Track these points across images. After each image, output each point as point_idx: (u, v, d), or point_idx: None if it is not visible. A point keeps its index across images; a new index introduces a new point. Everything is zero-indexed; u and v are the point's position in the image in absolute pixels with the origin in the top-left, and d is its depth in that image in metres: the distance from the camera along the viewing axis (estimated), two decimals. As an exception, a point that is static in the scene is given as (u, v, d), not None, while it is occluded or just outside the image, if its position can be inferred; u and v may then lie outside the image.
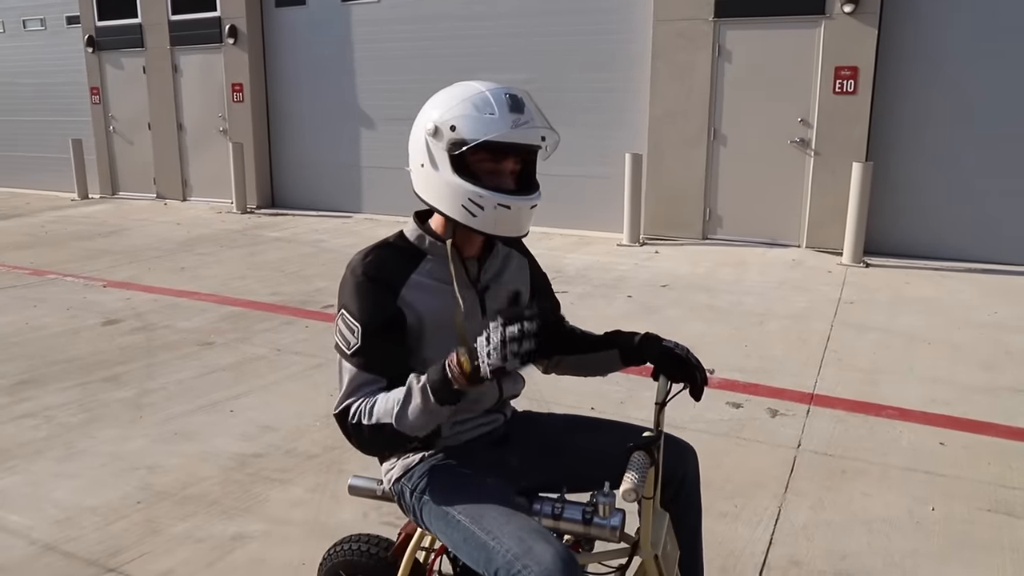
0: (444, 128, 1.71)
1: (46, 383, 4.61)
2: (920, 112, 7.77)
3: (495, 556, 1.61)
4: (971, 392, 4.37)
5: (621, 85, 9.12)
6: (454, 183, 1.72)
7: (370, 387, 1.73)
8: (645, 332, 2.01)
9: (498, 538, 1.62)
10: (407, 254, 1.83)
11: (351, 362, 1.74)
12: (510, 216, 1.72)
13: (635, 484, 1.50)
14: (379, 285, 1.76)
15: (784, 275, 7.18)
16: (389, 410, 1.67)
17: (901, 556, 2.84)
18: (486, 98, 1.70)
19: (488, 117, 1.68)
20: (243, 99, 11.64)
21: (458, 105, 1.71)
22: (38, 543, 2.94)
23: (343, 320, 1.77)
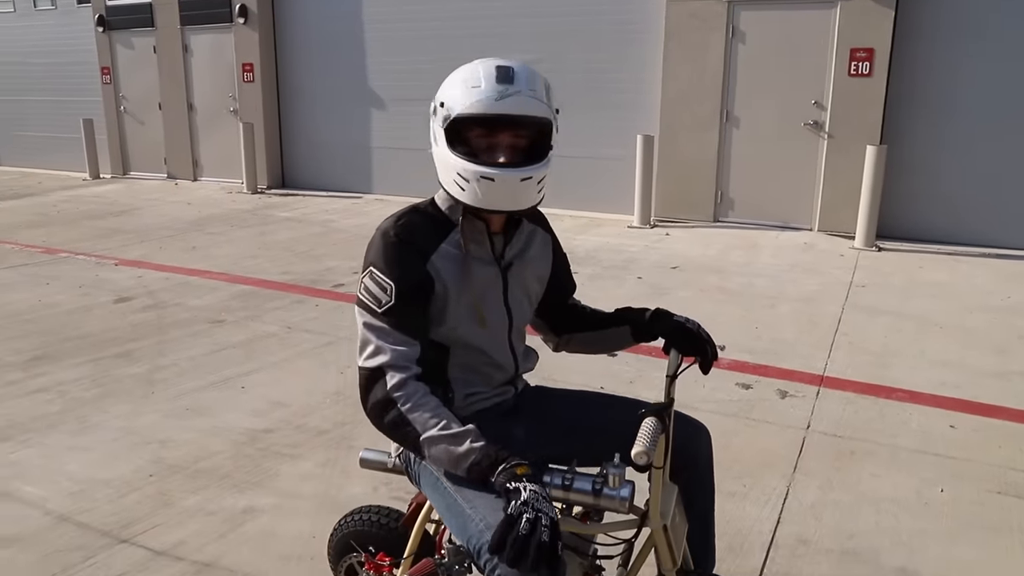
0: (437, 104, 1.73)
1: (59, 359, 4.64)
2: (936, 95, 7.69)
3: (469, 524, 1.63)
4: (982, 376, 4.36)
5: (633, 66, 9.06)
6: (446, 157, 1.72)
7: (406, 349, 1.71)
8: (656, 308, 2.01)
9: (475, 507, 1.64)
10: (437, 222, 1.82)
11: (382, 320, 1.71)
12: (496, 188, 1.69)
13: (646, 447, 1.50)
14: (411, 248, 1.75)
15: (796, 258, 7.15)
16: (427, 423, 1.65)
17: (909, 536, 2.84)
18: (475, 71, 1.69)
19: (472, 90, 1.67)
20: (253, 79, 11.62)
21: (452, 81, 1.72)
22: (53, 514, 2.97)
23: (373, 278, 1.73)
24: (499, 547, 1.44)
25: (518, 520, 1.44)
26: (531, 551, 1.42)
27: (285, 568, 2.64)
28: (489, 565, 1.54)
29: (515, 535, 1.43)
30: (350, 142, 11.26)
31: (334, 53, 11.12)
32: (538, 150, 1.75)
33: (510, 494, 1.50)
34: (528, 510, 1.45)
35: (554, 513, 1.48)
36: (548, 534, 1.43)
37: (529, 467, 1.55)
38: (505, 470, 1.55)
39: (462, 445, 1.62)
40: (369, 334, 1.73)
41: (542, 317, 2.12)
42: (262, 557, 2.70)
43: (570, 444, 1.89)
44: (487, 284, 1.84)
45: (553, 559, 1.43)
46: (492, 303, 1.86)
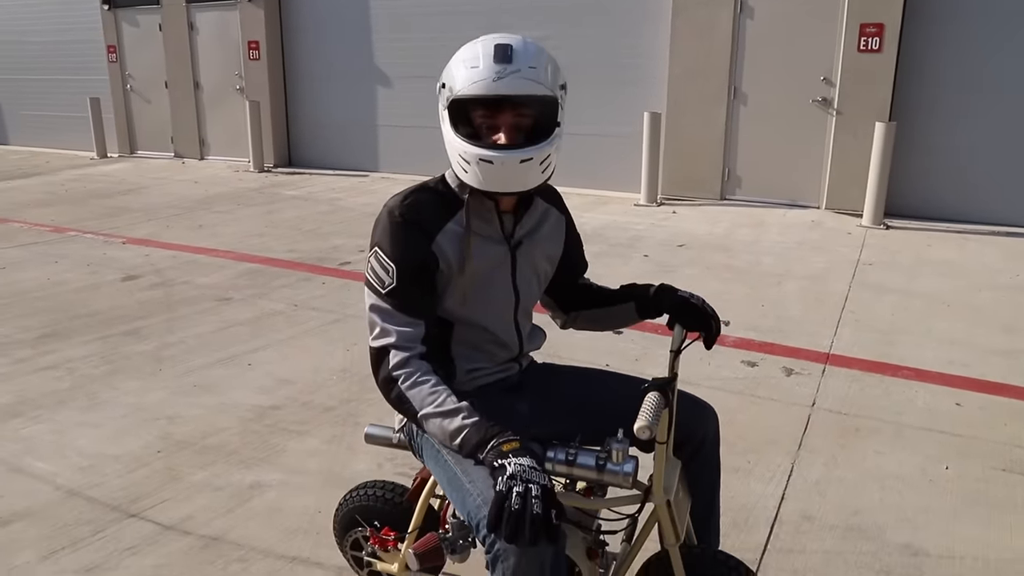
0: (441, 84, 1.72)
1: (68, 336, 4.67)
2: (946, 72, 7.61)
3: (467, 499, 1.64)
4: (990, 354, 4.34)
5: (641, 43, 8.99)
6: (450, 138, 1.72)
7: (408, 330, 1.73)
8: (660, 283, 2.01)
9: (474, 481, 1.65)
10: (446, 200, 1.81)
11: (386, 301, 1.74)
12: (496, 171, 1.67)
13: (648, 421, 1.51)
14: (415, 228, 1.75)
15: (803, 236, 7.12)
16: (424, 401, 1.67)
17: (913, 512, 2.84)
18: (474, 50, 1.67)
19: (471, 71, 1.65)
20: (259, 57, 11.58)
21: (454, 60, 1.70)
22: (63, 488, 3.01)
23: (377, 259, 1.75)
24: (495, 525, 1.45)
25: (508, 495, 1.44)
26: (526, 525, 1.42)
27: (291, 542, 2.66)
28: (488, 541, 1.55)
29: (508, 511, 1.43)
30: (356, 120, 11.22)
31: (340, 30, 11.06)
32: (543, 128, 1.71)
33: (496, 471, 1.50)
34: (516, 483, 1.45)
35: (545, 480, 1.48)
36: (540, 505, 1.43)
37: (519, 443, 1.55)
38: (493, 447, 1.55)
39: (454, 421, 1.64)
40: (374, 315, 1.76)
41: (551, 295, 2.12)
42: (268, 531, 2.73)
43: (574, 421, 1.90)
44: (495, 263, 1.84)
45: (549, 529, 1.44)
46: (500, 283, 1.86)
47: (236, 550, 2.62)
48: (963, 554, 2.61)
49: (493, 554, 1.54)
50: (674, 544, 1.78)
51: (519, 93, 1.65)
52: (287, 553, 2.61)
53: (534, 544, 1.44)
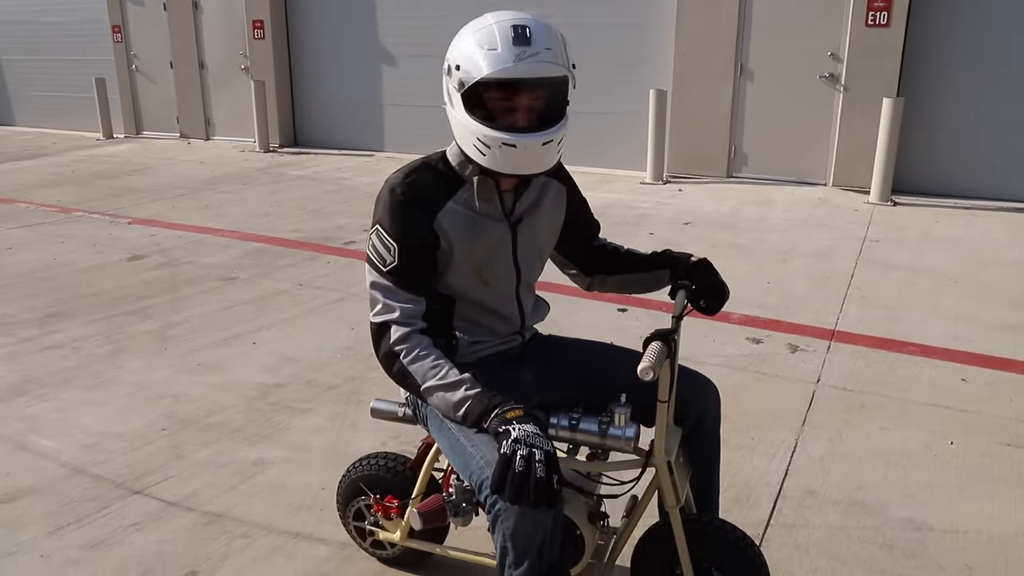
0: (452, 66, 1.68)
1: (74, 316, 4.69)
2: (955, 47, 7.52)
3: (471, 461, 1.66)
4: (996, 330, 4.32)
5: (646, 19, 8.90)
6: (464, 121, 1.69)
7: (410, 306, 1.74)
8: (702, 257, 2.01)
9: (476, 445, 1.66)
10: (447, 178, 1.80)
11: (387, 279, 1.75)
12: (518, 154, 1.67)
13: (652, 363, 1.51)
14: (417, 206, 1.75)
15: (809, 213, 7.08)
16: (426, 375, 1.69)
17: (917, 487, 2.84)
18: (491, 32, 1.64)
19: (490, 53, 1.62)
20: (264, 36, 11.52)
21: (465, 41, 1.67)
22: (68, 466, 3.02)
23: (378, 236, 1.75)
24: (499, 486, 1.47)
25: (512, 458, 1.47)
26: (530, 488, 1.45)
27: (294, 519, 2.68)
28: (489, 501, 1.57)
29: (512, 473, 1.46)
30: (362, 99, 11.18)
31: (345, 9, 10.99)
32: (556, 109, 1.72)
33: (500, 436, 1.52)
34: (521, 447, 1.48)
35: (548, 446, 1.50)
36: (543, 468, 1.46)
37: (523, 410, 1.56)
38: (497, 415, 1.57)
39: (457, 393, 1.65)
40: (376, 292, 1.77)
41: (569, 258, 2.12)
42: (272, 508, 2.74)
43: (577, 389, 1.90)
44: (496, 242, 1.84)
45: (551, 493, 1.46)
46: (501, 260, 1.86)
47: (240, 526, 2.64)
48: (967, 528, 2.60)
49: (494, 514, 1.56)
50: (674, 506, 1.78)
51: (541, 76, 1.64)
52: (290, 529, 2.62)
53: (536, 507, 1.46)
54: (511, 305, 1.93)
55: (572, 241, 2.08)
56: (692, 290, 1.91)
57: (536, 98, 1.68)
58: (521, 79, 1.62)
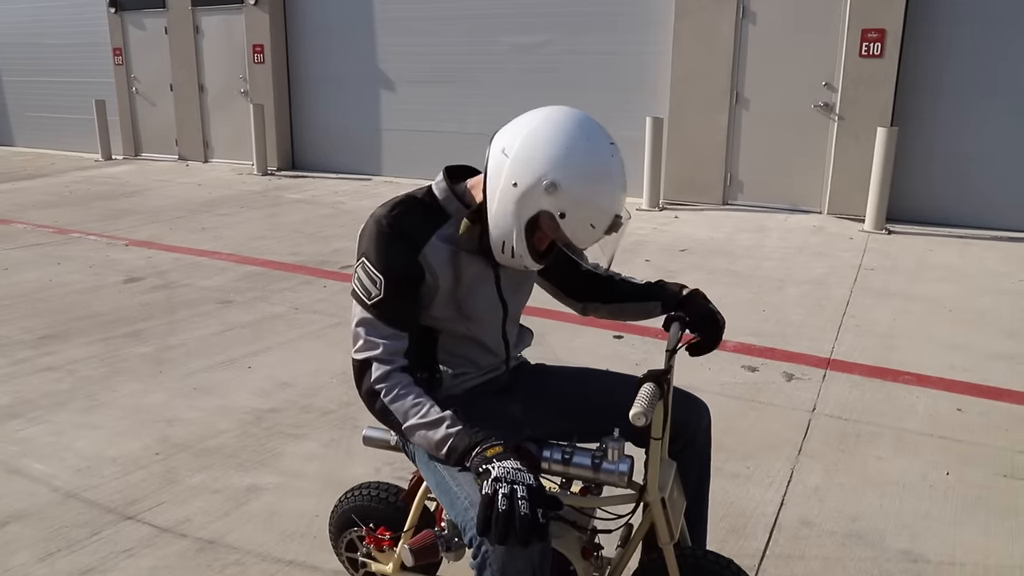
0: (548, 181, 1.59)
1: (69, 338, 4.68)
2: (948, 77, 7.60)
3: (456, 502, 1.65)
4: (991, 359, 4.33)
5: (643, 48, 8.99)
6: (509, 218, 1.67)
7: (392, 343, 1.72)
8: (693, 288, 2.01)
9: (461, 485, 1.65)
10: (432, 212, 1.79)
11: (371, 312, 1.72)
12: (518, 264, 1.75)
13: (644, 408, 1.50)
14: (403, 239, 1.73)
15: (805, 241, 7.11)
16: (407, 413, 1.67)
17: (913, 519, 2.83)
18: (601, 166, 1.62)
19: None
20: (264, 60, 11.61)
21: (578, 172, 1.59)
22: (60, 490, 3.00)
23: (364, 269, 1.73)
24: (485, 528, 1.45)
25: (495, 498, 1.44)
26: (516, 527, 1.42)
27: (288, 546, 2.66)
28: (475, 543, 1.55)
29: (496, 513, 1.43)
30: (360, 124, 11.24)
31: (345, 34, 11.08)
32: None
33: (481, 476, 1.50)
34: (502, 484, 1.45)
35: (530, 480, 1.47)
36: (527, 505, 1.43)
37: (503, 447, 1.54)
38: (478, 454, 1.55)
39: (439, 431, 1.63)
40: (359, 326, 1.75)
41: (558, 286, 2.12)
42: (265, 535, 2.72)
43: (568, 419, 1.90)
44: (479, 278, 1.83)
45: (538, 528, 1.44)
46: (485, 296, 1.85)
47: (232, 553, 2.62)
48: (963, 561, 2.59)
49: (481, 557, 1.54)
50: (668, 543, 1.77)
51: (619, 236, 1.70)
52: (284, 557, 2.60)
53: (525, 545, 1.44)
54: (496, 338, 1.93)
55: (559, 269, 2.07)
56: (686, 322, 1.91)
57: None
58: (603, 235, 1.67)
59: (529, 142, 1.61)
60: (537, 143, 1.61)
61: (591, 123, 1.65)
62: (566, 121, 1.62)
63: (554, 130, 1.61)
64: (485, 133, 10.04)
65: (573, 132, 1.61)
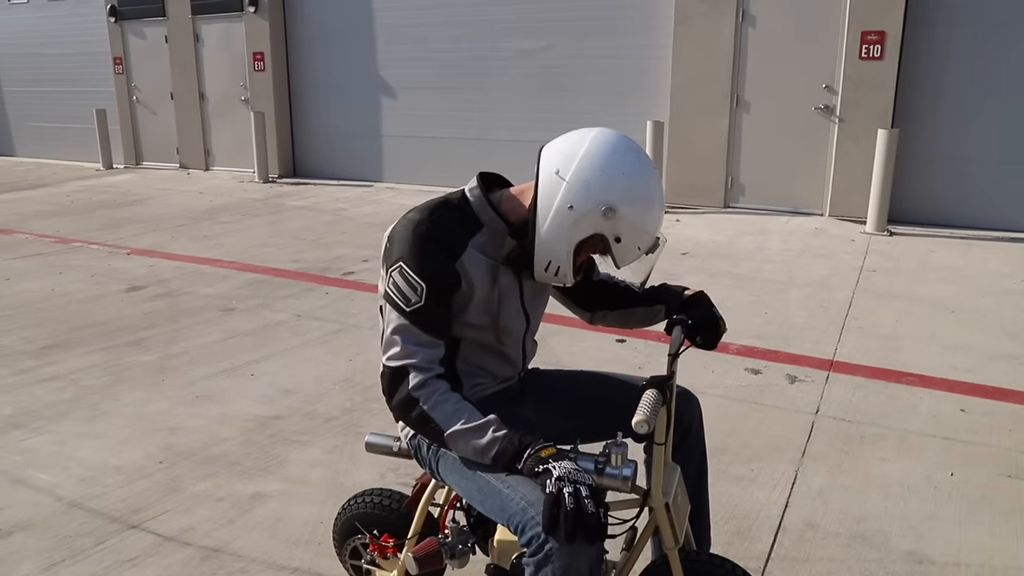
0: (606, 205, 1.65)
1: (72, 347, 4.68)
2: (948, 78, 7.61)
3: (509, 504, 1.62)
4: (994, 359, 4.32)
5: (642, 51, 9.00)
6: (562, 239, 1.69)
7: (430, 350, 1.71)
8: (697, 291, 2.02)
9: (512, 487, 1.63)
10: (467, 220, 1.78)
11: (410, 319, 1.70)
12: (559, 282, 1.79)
13: (647, 416, 1.51)
14: (442, 245, 1.72)
15: (806, 243, 7.11)
16: (450, 419, 1.67)
17: (918, 520, 2.83)
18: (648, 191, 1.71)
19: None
20: (264, 68, 11.63)
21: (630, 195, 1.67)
22: (64, 500, 3.00)
23: (404, 276, 1.70)
24: (552, 526, 1.46)
25: (560, 496, 1.46)
26: (585, 524, 1.44)
27: (292, 553, 2.66)
28: (537, 542, 1.53)
29: (564, 511, 1.45)
30: (361, 130, 11.26)
31: (345, 41, 11.11)
32: None
33: (540, 476, 1.52)
34: (566, 484, 1.48)
35: (591, 480, 1.50)
36: (593, 504, 1.46)
37: (555, 448, 1.57)
38: (531, 455, 1.57)
39: (484, 436, 1.64)
40: (395, 333, 1.72)
41: (567, 295, 2.13)
42: (270, 542, 2.72)
43: (572, 423, 1.90)
44: (508, 290, 1.84)
45: (603, 528, 1.46)
46: (511, 308, 1.86)
47: (237, 561, 2.62)
48: (968, 561, 2.59)
49: (544, 554, 1.52)
50: (673, 548, 1.77)
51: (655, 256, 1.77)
52: (288, 564, 2.60)
53: (592, 543, 1.46)
54: (517, 350, 1.94)
55: None
56: (688, 325, 1.91)
57: None
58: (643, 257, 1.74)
59: (585, 165, 1.66)
60: (595, 168, 1.65)
61: (638, 148, 1.73)
62: (619, 145, 1.68)
63: (610, 155, 1.67)
64: (486, 139, 10.06)
65: (628, 158, 1.68)
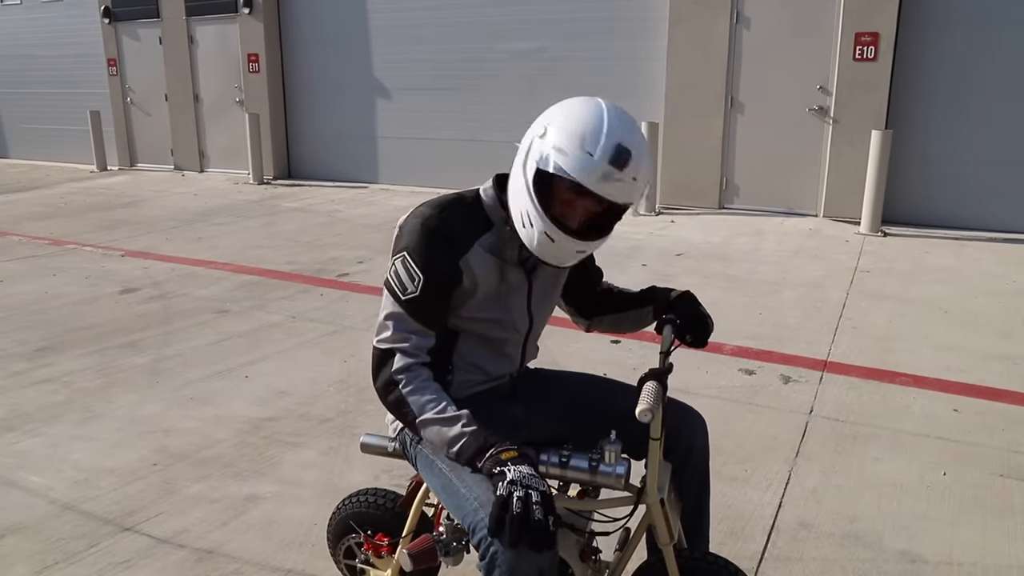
0: (548, 142, 1.64)
1: (65, 349, 4.67)
2: (941, 79, 7.63)
3: (464, 503, 1.65)
4: (987, 360, 4.34)
5: (637, 53, 9.02)
6: (526, 191, 1.68)
7: (419, 339, 1.74)
8: (684, 291, 2.02)
9: (469, 487, 1.66)
10: (477, 217, 1.80)
11: (404, 307, 1.74)
12: (552, 247, 1.70)
13: (650, 404, 1.51)
14: (447, 241, 1.74)
15: (801, 244, 7.12)
16: (424, 406, 1.68)
17: (911, 519, 2.83)
18: (596, 135, 1.60)
19: (586, 158, 1.59)
20: (259, 69, 11.62)
21: (570, 126, 1.62)
22: (57, 503, 3.00)
23: (405, 264, 1.73)
24: (497, 529, 1.46)
25: (509, 500, 1.46)
26: (530, 530, 1.44)
27: (286, 555, 2.65)
28: (484, 544, 1.55)
29: (510, 515, 1.45)
30: (356, 132, 11.25)
31: (340, 42, 11.10)
32: (606, 223, 1.74)
33: (495, 477, 1.52)
34: (517, 488, 1.47)
35: (544, 487, 1.49)
36: (541, 510, 1.45)
37: (517, 451, 1.56)
38: (492, 456, 1.57)
39: (453, 428, 1.65)
40: (388, 319, 1.76)
41: (571, 304, 2.15)
42: (263, 544, 2.72)
43: (565, 424, 1.90)
44: (514, 287, 1.85)
45: (549, 535, 1.45)
46: (517, 306, 1.87)
47: (231, 563, 2.61)
48: (961, 560, 2.60)
49: (490, 557, 1.53)
50: (667, 544, 1.77)
51: (621, 202, 1.65)
52: (282, 566, 2.60)
53: (536, 549, 1.45)
54: (516, 349, 1.95)
55: (579, 286, 2.10)
56: (677, 324, 1.92)
57: (598, 210, 1.69)
58: (601, 196, 1.62)
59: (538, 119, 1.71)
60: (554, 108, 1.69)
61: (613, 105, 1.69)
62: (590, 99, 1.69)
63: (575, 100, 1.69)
64: (481, 140, 10.06)
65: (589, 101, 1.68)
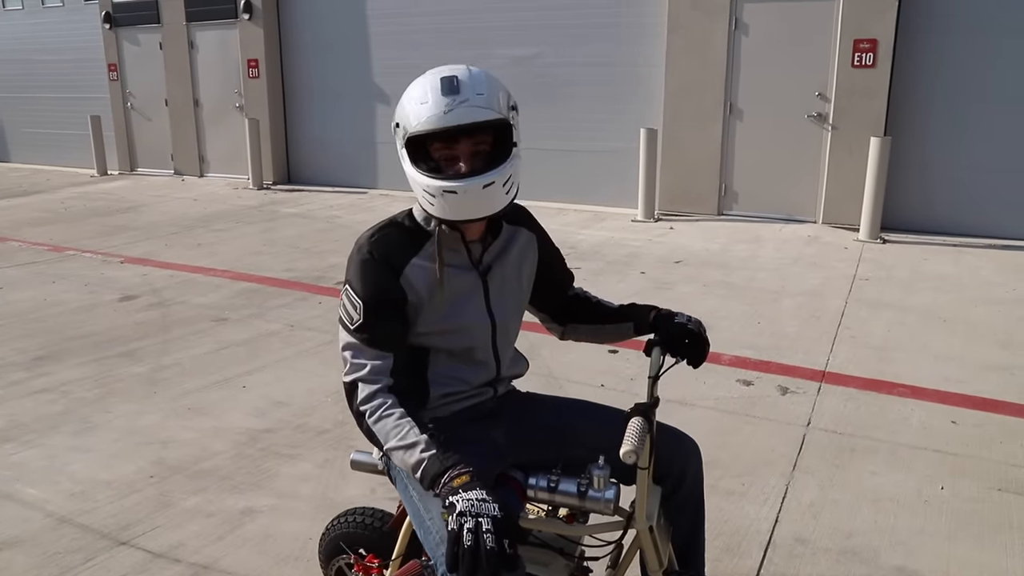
0: (394, 124, 1.75)
1: (63, 358, 4.67)
2: (940, 86, 7.63)
3: (428, 536, 1.67)
4: (986, 370, 4.33)
5: (636, 59, 9.02)
6: (411, 174, 1.73)
7: (377, 363, 1.75)
8: (660, 309, 2.01)
9: (433, 518, 1.67)
10: (413, 235, 1.83)
11: (355, 336, 1.76)
12: (461, 200, 1.68)
13: (634, 446, 1.51)
14: (383, 265, 1.77)
15: (799, 251, 7.12)
16: (388, 435, 1.70)
17: (908, 535, 2.83)
18: (422, 86, 1.70)
19: (421, 107, 1.67)
20: (259, 75, 11.63)
21: (404, 98, 1.73)
22: (53, 516, 3.00)
23: (347, 295, 1.79)
24: (453, 565, 1.45)
25: (460, 533, 1.44)
26: (483, 561, 1.42)
27: (282, 570, 2.65)
28: None
29: (462, 550, 1.43)
30: (355, 137, 11.25)
31: (339, 48, 11.11)
32: (501, 152, 1.73)
33: (447, 510, 1.50)
34: (467, 519, 1.45)
35: (495, 511, 1.47)
36: (492, 538, 1.43)
37: (470, 476, 1.54)
38: (445, 484, 1.55)
39: (414, 454, 1.64)
40: (345, 351, 1.79)
41: (541, 309, 2.14)
42: (259, 559, 2.71)
43: (553, 448, 1.89)
44: (466, 291, 1.84)
45: (506, 560, 1.43)
46: (473, 309, 1.87)
47: (226, 578, 2.61)
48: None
49: None
50: (657, 571, 1.77)
51: (470, 121, 1.66)
52: (277, 580, 2.59)
53: None
54: (487, 355, 1.93)
55: (546, 289, 2.08)
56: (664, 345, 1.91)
57: (477, 143, 1.70)
58: (449, 127, 1.65)
59: None
60: None
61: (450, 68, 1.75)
62: None
63: None
64: (480, 146, 10.04)
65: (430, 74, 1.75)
